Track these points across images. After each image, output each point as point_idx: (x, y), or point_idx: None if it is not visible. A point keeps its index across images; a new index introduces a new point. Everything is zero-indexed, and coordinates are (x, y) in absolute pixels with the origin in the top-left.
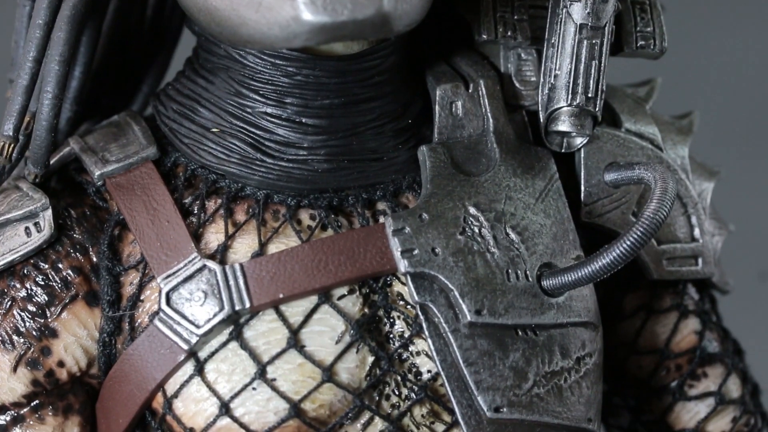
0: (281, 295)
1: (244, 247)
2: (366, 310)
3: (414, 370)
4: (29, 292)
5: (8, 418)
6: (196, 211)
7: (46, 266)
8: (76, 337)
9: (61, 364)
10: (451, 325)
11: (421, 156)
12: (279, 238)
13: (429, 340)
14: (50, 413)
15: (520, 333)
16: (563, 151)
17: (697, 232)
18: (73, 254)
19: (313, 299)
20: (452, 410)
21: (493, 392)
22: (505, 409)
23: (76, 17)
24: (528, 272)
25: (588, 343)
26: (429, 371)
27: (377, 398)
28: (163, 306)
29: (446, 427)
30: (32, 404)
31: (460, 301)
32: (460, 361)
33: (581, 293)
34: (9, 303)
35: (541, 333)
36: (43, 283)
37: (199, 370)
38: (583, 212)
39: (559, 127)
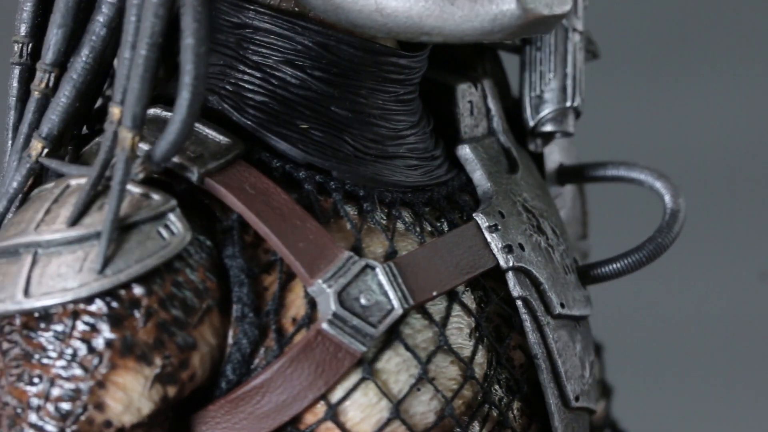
0: (434, 293)
1: (376, 245)
2: (479, 307)
3: (510, 363)
4: (171, 300)
5: None
6: (315, 211)
7: (187, 270)
8: (209, 348)
9: (192, 377)
10: (545, 318)
11: (466, 154)
12: (401, 237)
13: (530, 334)
14: None
15: (576, 325)
16: (537, 150)
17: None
18: (205, 258)
19: (445, 297)
20: (535, 401)
21: (574, 381)
22: (581, 398)
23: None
24: (572, 265)
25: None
26: (521, 365)
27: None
28: (336, 308)
29: (529, 420)
30: (146, 424)
31: (549, 294)
32: (555, 352)
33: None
34: (149, 313)
35: (583, 325)
36: (184, 289)
37: (370, 373)
38: None
39: (551, 128)
